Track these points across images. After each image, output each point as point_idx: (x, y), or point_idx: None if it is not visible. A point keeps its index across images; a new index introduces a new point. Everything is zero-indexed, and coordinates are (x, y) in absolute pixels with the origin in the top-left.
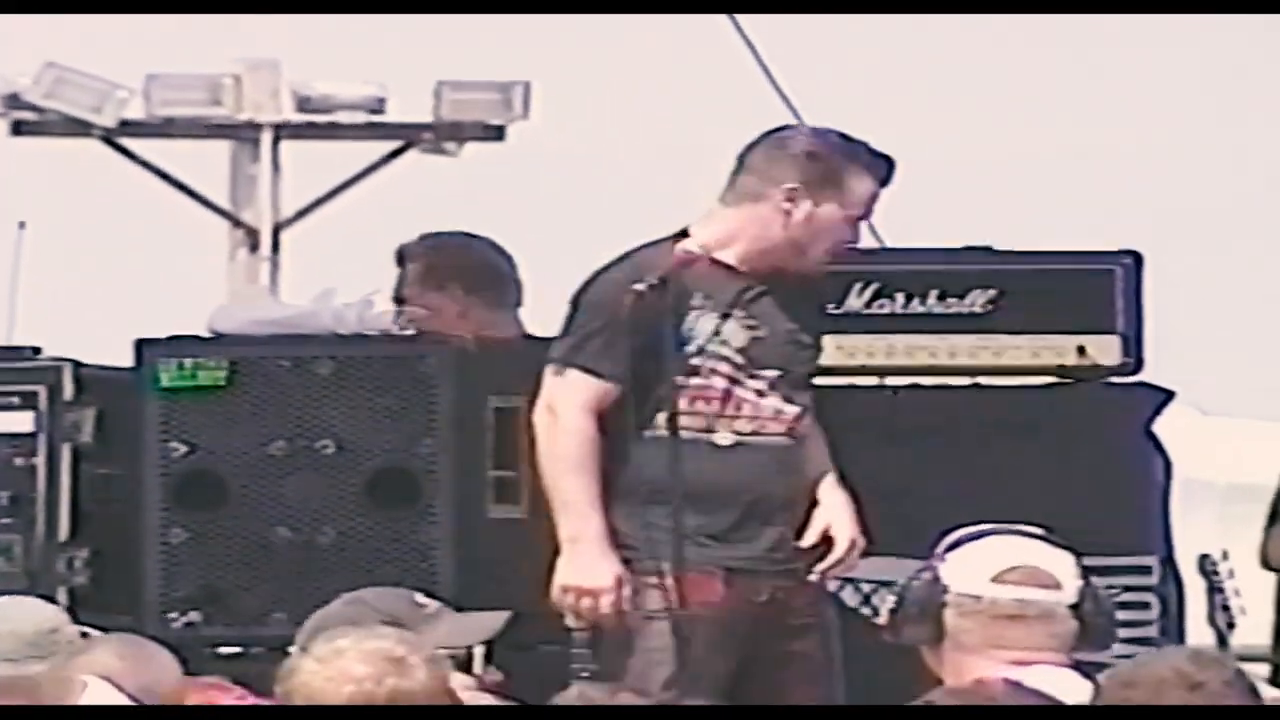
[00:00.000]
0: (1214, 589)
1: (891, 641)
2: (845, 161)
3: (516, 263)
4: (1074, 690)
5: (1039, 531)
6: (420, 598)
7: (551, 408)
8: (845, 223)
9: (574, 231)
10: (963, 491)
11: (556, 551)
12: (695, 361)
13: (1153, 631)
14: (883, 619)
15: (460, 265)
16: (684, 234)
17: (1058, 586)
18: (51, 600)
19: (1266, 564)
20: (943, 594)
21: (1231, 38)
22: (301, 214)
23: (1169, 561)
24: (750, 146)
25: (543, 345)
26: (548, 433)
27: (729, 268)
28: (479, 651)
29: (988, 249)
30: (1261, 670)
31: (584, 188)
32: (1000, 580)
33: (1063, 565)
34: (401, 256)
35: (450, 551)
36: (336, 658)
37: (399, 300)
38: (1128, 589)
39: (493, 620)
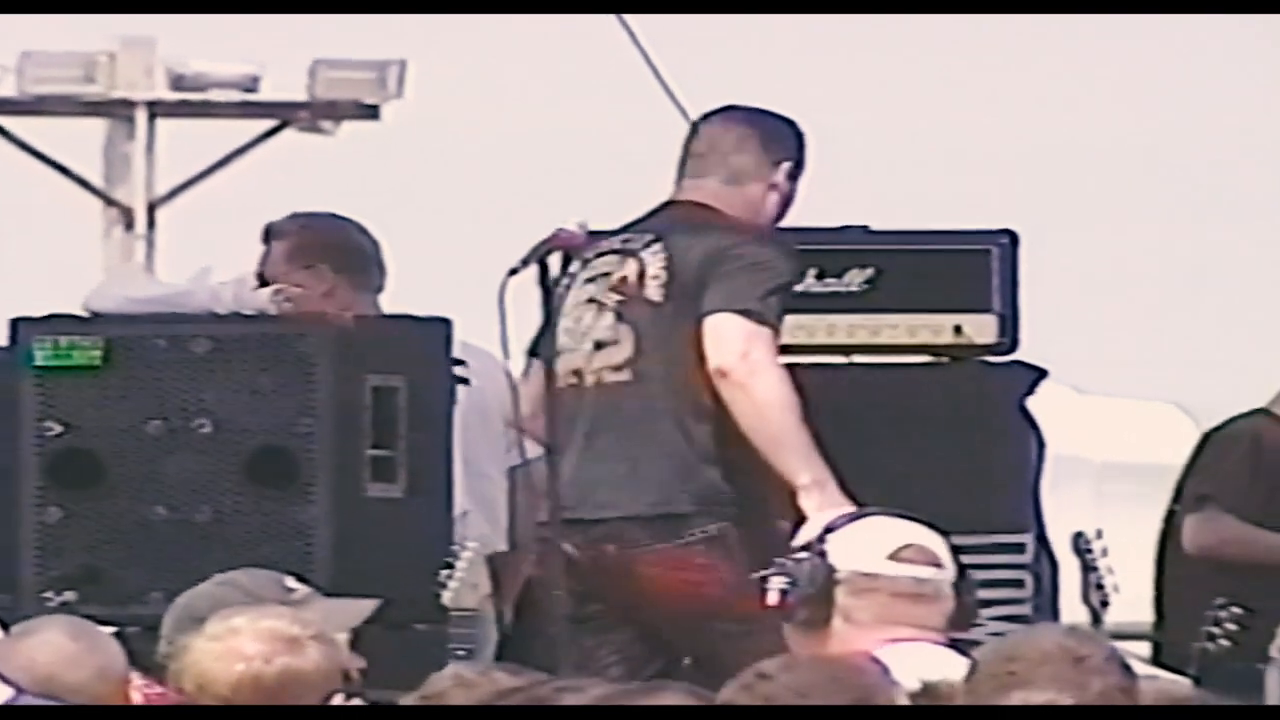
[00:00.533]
0: (1088, 567)
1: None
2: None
3: (381, 247)
4: (955, 668)
5: (908, 514)
6: (291, 581)
7: (749, 356)
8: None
9: (448, 211)
10: (837, 470)
11: (432, 531)
12: None
13: (1026, 610)
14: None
15: (329, 244)
16: (703, 206)
17: (943, 565)
18: None
19: (1164, 548)
20: (833, 573)
21: (1103, 26)
22: (176, 192)
23: (1042, 539)
24: (724, 125)
25: (420, 325)
26: (763, 381)
27: None
28: (343, 638)
29: (865, 228)
30: (1134, 648)
31: (458, 167)
32: (897, 558)
33: (941, 545)
34: (269, 234)
35: (328, 530)
36: (230, 636)
37: (264, 278)
38: (1002, 567)
39: (362, 607)
